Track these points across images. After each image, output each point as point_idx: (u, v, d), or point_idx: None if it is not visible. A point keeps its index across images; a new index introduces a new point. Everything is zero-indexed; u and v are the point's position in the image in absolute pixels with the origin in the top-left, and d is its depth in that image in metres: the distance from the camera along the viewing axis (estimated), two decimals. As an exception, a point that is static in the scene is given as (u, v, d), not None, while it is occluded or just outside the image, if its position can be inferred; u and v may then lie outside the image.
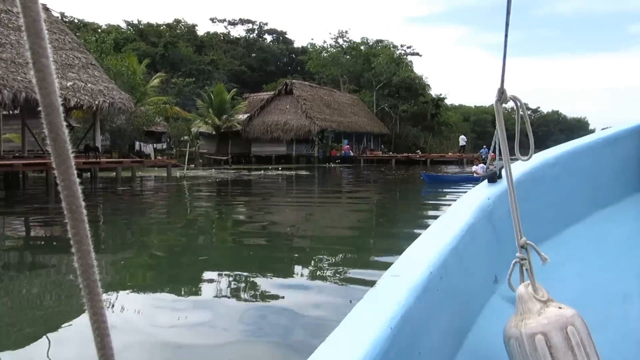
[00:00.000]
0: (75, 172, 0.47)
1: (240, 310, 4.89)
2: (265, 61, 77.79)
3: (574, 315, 1.33)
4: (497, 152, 1.93)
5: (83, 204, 0.48)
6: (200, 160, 45.54)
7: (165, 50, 61.36)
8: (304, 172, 32.42)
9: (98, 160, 21.72)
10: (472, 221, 1.80)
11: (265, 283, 5.92)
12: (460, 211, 1.89)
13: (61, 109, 0.46)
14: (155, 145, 43.78)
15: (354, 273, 6.28)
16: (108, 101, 23.56)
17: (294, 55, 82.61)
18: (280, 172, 32.95)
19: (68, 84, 23.08)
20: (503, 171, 1.96)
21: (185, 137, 48.63)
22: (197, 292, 5.73)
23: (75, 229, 0.47)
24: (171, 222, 12.08)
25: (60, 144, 0.46)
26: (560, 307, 1.36)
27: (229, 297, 5.46)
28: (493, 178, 2.20)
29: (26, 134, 25.94)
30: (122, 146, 35.70)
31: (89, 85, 23.56)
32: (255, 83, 68.01)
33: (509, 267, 1.50)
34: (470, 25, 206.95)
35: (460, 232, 1.68)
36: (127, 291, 5.76)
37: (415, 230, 9.35)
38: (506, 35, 1.52)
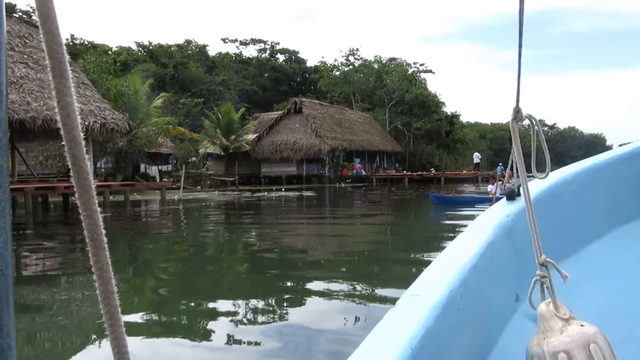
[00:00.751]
0: (96, 202, 0.49)
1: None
2: (278, 81, 77.10)
3: (596, 333, 1.32)
4: (515, 170, 1.82)
5: (104, 232, 0.50)
6: (208, 182, 44.40)
7: (175, 70, 60.75)
8: (309, 193, 31.05)
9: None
10: (491, 239, 1.77)
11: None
12: (479, 229, 1.86)
13: (83, 143, 0.48)
14: (160, 167, 42.80)
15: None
16: (100, 121, 22.48)
17: (307, 75, 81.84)
18: (283, 193, 31.57)
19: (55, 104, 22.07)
20: (521, 189, 1.77)
21: (193, 159, 47.62)
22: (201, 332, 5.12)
23: (96, 257, 0.49)
24: (139, 252, 10.67)
25: (82, 175, 0.48)
26: (582, 325, 1.35)
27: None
28: (512, 196, 2.14)
29: (16, 158, 24.90)
30: (125, 168, 34.64)
31: (79, 105, 21.90)
32: (268, 103, 67.26)
33: (529, 285, 1.51)
34: (487, 43, 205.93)
35: (479, 250, 1.66)
36: None
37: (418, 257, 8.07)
38: (519, 56, 1.51)
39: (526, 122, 1.64)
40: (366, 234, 13.29)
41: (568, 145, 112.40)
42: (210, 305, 6.20)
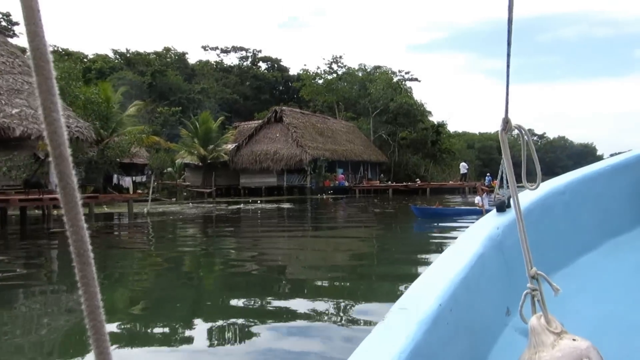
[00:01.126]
0: (82, 217, 0.49)
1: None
2: (259, 89, 75.72)
3: (589, 347, 1.29)
4: (505, 181, 1.82)
5: (90, 247, 0.50)
6: (184, 194, 42.75)
7: (153, 79, 59.13)
8: (287, 205, 29.58)
9: (40, 197, 18.91)
10: (481, 251, 1.74)
11: None
12: (469, 241, 1.83)
13: (70, 159, 0.49)
14: (135, 178, 41.09)
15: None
16: (61, 130, 20.94)
17: (289, 83, 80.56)
18: (259, 205, 30.09)
19: (13, 112, 20.63)
20: (512, 200, 1.75)
21: (169, 169, 45.96)
22: None
23: (82, 272, 0.49)
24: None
25: (69, 191, 0.48)
26: (574, 339, 1.32)
27: None
28: (502, 207, 2.10)
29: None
30: (96, 180, 32.97)
31: (34, 111, 20.97)
32: (249, 112, 65.90)
33: (520, 298, 1.49)
34: (473, 51, 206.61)
35: (469, 263, 1.63)
36: None
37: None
38: (508, 66, 1.48)
39: (515, 132, 1.61)
40: (345, 250, 11.90)
41: (558, 155, 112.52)
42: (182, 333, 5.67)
